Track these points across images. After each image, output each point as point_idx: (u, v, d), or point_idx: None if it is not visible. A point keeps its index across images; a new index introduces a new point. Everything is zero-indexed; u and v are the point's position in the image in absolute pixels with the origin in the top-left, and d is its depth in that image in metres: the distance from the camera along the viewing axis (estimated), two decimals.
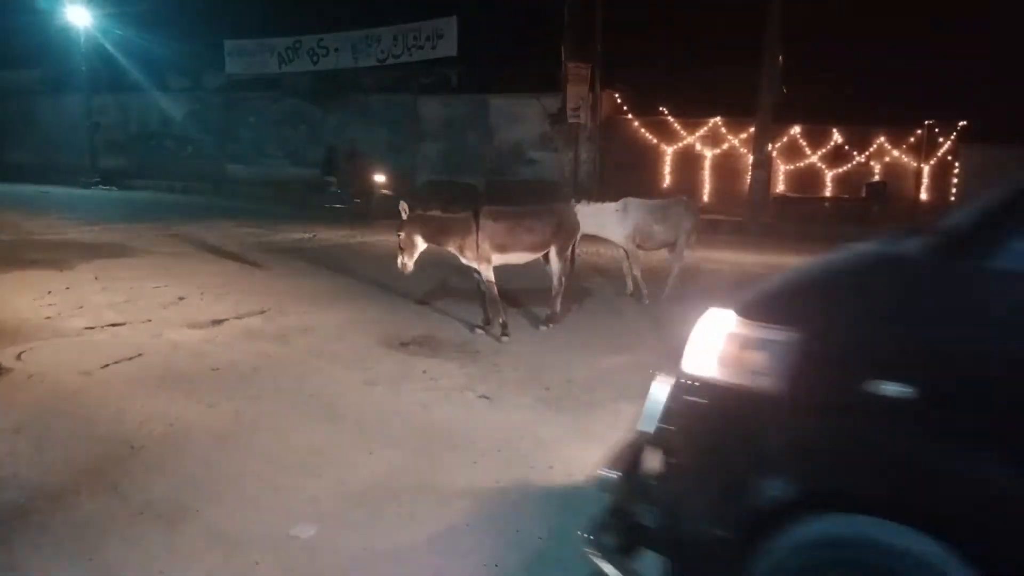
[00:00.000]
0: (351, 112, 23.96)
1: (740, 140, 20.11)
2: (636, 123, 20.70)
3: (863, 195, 19.29)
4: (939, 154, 20.52)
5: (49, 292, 8.11)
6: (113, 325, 6.94)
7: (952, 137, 20.40)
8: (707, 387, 2.33)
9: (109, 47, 25.31)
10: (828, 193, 20.28)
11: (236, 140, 26.05)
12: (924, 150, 20.42)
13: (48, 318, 7.08)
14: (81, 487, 3.81)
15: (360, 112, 23.80)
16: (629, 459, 2.64)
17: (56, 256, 10.35)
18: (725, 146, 20.40)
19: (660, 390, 2.59)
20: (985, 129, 19.72)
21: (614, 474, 2.59)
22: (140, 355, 6.05)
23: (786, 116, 19.13)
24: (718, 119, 20.24)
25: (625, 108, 20.93)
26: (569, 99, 19.90)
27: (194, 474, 4.01)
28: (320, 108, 24.66)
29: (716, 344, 2.32)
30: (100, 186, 24.17)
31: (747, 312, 2.28)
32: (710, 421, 2.36)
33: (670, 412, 2.52)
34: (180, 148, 27.02)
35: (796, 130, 20.07)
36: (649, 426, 2.60)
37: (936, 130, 20.33)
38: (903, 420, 1.97)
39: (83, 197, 21.36)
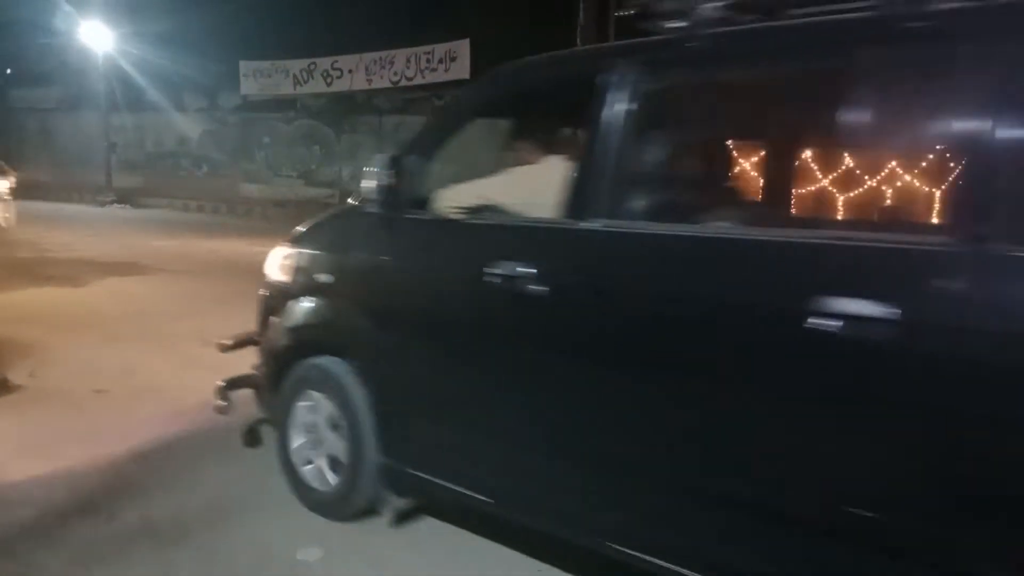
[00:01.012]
0: (364, 133, 24.14)
1: (751, 163, 20.15)
2: None
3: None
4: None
5: (64, 309, 8.19)
6: (127, 342, 7.01)
7: None
8: (270, 284, 4.18)
9: (126, 67, 25.63)
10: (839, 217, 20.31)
11: (251, 160, 26.27)
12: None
13: (62, 335, 7.15)
14: (87, 506, 3.82)
15: (373, 133, 23.98)
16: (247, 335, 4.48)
17: (71, 273, 10.46)
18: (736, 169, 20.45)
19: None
20: None
21: (229, 341, 4.54)
22: (154, 373, 6.10)
23: None
24: (730, 141, 20.29)
25: None
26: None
27: (199, 493, 4.01)
28: (334, 129, 24.87)
29: (276, 259, 4.14)
30: (115, 204, 24.38)
31: (287, 242, 4.08)
32: (271, 302, 4.12)
33: (262, 299, 4.23)
34: (195, 167, 27.29)
35: (807, 153, 20.11)
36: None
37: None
38: (327, 297, 3.71)
39: (99, 215, 21.57)
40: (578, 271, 2.82)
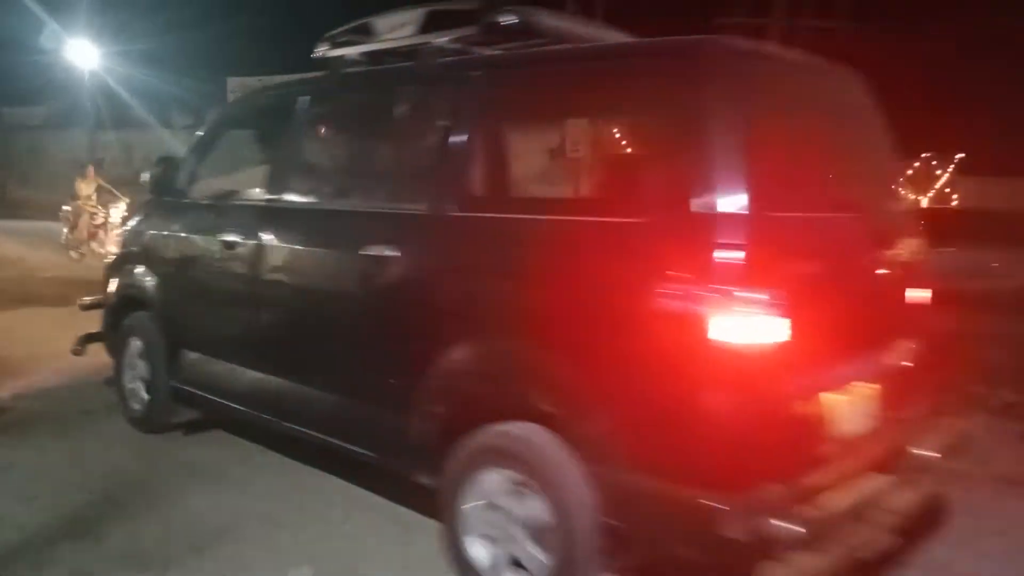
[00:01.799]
0: None
1: None
2: None
3: None
4: (937, 186, 20.65)
5: (53, 329, 8.12)
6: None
7: (950, 169, 20.55)
8: (112, 255, 5.42)
9: (113, 84, 25.61)
10: None
11: None
12: (922, 182, 20.56)
13: (51, 356, 7.10)
14: (72, 530, 3.76)
15: None
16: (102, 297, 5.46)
17: (61, 292, 10.38)
18: None
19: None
20: (983, 161, 19.88)
21: (87, 301, 5.78)
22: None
23: None
24: None
25: None
26: (568, 134, 20.03)
27: (183, 520, 3.91)
28: None
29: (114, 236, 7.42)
30: None
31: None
32: (111, 270, 5.37)
33: (105, 268, 5.50)
34: None
35: None
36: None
37: (934, 163, 20.49)
38: (136, 264, 5.00)
39: None
40: (281, 234, 4.08)
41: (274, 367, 4.14)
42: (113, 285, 5.26)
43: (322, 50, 4.21)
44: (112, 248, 5.69)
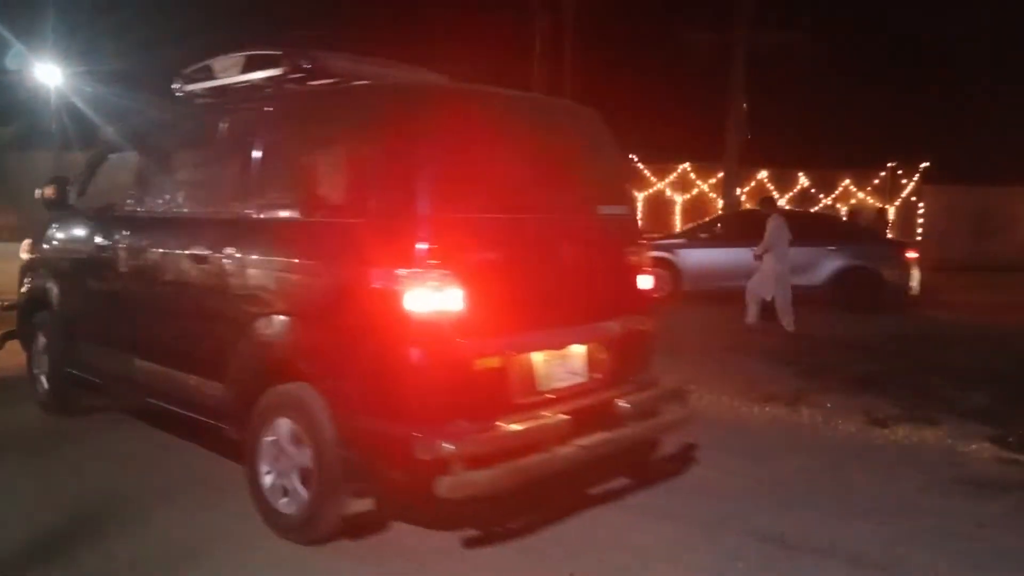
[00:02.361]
0: None
1: (709, 185, 20.43)
2: None
3: None
4: (903, 195, 20.96)
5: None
6: None
7: (915, 178, 20.87)
8: (23, 262, 6.23)
9: (80, 104, 25.34)
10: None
11: None
12: (889, 191, 20.86)
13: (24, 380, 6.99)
14: (45, 552, 3.75)
15: None
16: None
17: None
18: (695, 191, 20.71)
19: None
20: (947, 169, 20.22)
21: (6, 303, 6.69)
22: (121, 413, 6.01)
23: (753, 161, 19.50)
24: (687, 164, 20.58)
25: None
26: None
27: (163, 536, 3.92)
28: None
29: (24, 245, 6.24)
30: None
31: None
32: (21, 274, 6.19)
33: (20, 272, 6.22)
34: None
35: (764, 174, 20.45)
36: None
37: (899, 171, 20.80)
38: (36, 269, 6.02)
39: None
40: (137, 239, 4.98)
41: (139, 351, 4.92)
42: (24, 288, 6.20)
43: (178, 85, 5.10)
44: (24, 255, 6.26)
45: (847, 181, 20.76)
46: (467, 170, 3.76)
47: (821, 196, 20.63)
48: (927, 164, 20.73)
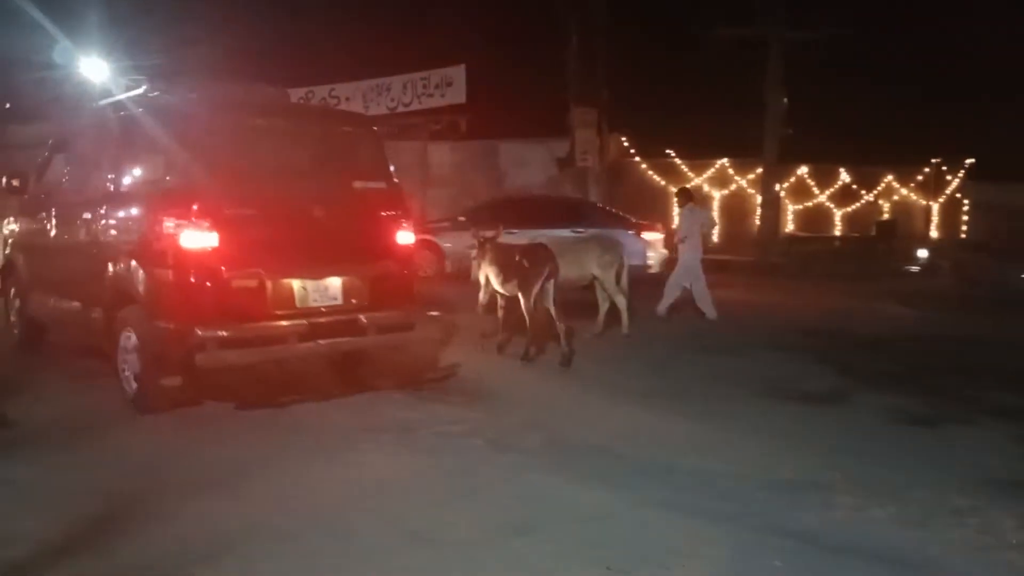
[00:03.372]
0: None
1: (748, 181, 20.22)
2: (643, 165, 20.86)
3: (873, 233, 19.26)
4: (948, 191, 20.55)
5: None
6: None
7: (960, 174, 20.45)
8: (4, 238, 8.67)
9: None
10: (838, 232, 20.29)
11: None
12: (933, 188, 20.47)
13: (59, 371, 7.15)
14: (80, 543, 3.78)
15: None
16: None
17: None
18: (733, 187, 20.51)
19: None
20: (993, 166, 19.79)
21: None
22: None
23: (793, 156, 19.25)
24: (725, 160, 20.38)
25: (632, 151, 21.09)
26: (577, 143, 20.10)
27: (191, 533, 3.92)
28: None
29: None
30: None
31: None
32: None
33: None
34: None
35: (804, 170, 20.18)
36: None
37: (944, 168, 20.39)
38: (10, 240, 8.41)
39: None
40: (53, 215, 7.09)
41: (58, 293, 6.95)
42: (4, 254, 8.54)
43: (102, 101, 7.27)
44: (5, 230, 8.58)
45: (890, 177, 20.41)
46: (228, 158, 5.82)
47: (863, 193, 20.31)
48: (972, 161, 20.30)
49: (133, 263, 5.70)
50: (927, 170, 20.37)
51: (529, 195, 17.10)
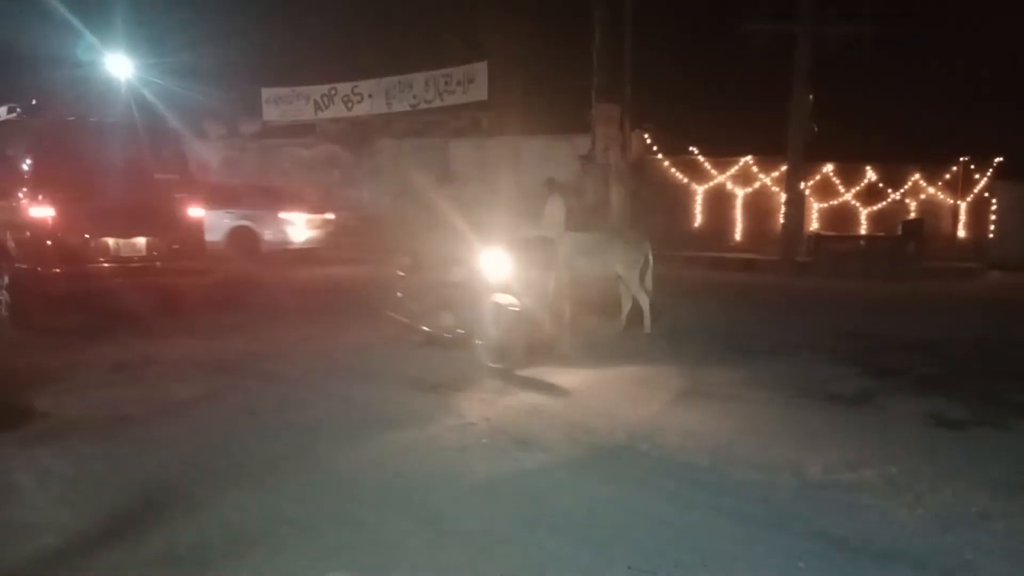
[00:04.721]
0: (383, 157, 24.24)
1: (772, 178, 20.03)
2: (666, 162, 20.72)
3: (899, 233, 18.99)
4: (975, 191, 20.26)
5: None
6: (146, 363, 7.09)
7: (988, 173, 20.15)
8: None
9: (149, 96, 25.92)
10: (863, 231, 20.04)
11: None
12: (960, 187, 20.18)
13: (84, 365, 7.18)
14: (111, 533, 3.81)
15: (392, 157, 24.07)
16: None
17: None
18: (757, 184, 20.33)
19: None
20: (1022, 165, 19.48)
21: None
22: (172, 399, 6.12)
23: (818, 154, 19.05)
24: (749, 158, 20.20)
25: (655, 148, 20.93)
26: (599, 140, 20.01)
27: (225, 519, 3.98)
28: (353, 153, 24.98)
29: None
30: None
31: None
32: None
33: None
34: None
35: (829, 168, 19.96)
36: None
37: (972, 167, 20.10)
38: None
39: None
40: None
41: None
42: None
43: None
44: None
45: (916, 176, 20.14)
46: (67, 160, 9.05)
47: (889, 191, 20.06)
48: (1000, 160, 20.00)
49: (8, 232, 9.01)
50: (954, 169, 20.09)
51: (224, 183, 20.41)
